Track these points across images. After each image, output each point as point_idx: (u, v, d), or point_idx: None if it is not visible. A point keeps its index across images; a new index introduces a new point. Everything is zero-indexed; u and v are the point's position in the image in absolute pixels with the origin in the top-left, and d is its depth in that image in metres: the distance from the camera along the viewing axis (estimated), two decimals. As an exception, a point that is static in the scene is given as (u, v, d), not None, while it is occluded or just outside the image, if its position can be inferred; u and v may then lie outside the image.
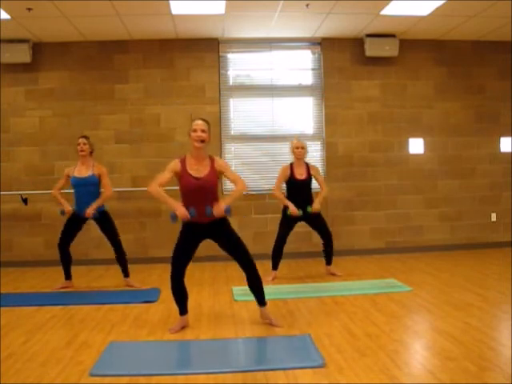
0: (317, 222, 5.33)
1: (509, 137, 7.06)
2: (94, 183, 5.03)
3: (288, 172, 5.28)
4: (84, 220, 5.04)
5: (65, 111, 6.55)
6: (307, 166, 5.35)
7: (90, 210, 4.91)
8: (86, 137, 5.12)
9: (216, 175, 3.63)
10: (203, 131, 3.57)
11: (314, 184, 5.38)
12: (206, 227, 3.61)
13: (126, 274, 5.18)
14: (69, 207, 5.01)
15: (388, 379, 2.69)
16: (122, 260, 5.16)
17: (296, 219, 5.26)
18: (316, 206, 5.21)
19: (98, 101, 6.57)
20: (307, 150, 5.39)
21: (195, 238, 3.64)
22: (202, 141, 3.56)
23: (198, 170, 3.58)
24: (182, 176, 3.57)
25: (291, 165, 5.33)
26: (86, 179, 5.00)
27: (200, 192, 3.55)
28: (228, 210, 3.54)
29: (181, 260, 3.62)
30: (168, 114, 6.64)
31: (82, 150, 5.03)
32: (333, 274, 5.48)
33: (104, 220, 5.06)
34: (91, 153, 5.13)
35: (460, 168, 7.02)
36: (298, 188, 5.26)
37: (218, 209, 3.50)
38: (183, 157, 3.67)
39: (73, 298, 4.70)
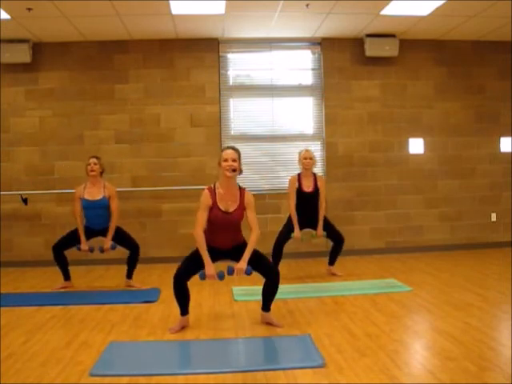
0: (327, 232, 5.33)
1: (509, 137, 7.06)
2: (105, 206, 5.00)
3: (296, 184, 5.25)
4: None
5: (65, 111, 6.55)
6: (315, 176, 5.31)
7: (107, 246, 4.94)
8: (97, 157, 5.10)
9: (243, 210, 3.64)
10: (234, 160, 3.55)
11: None
12: (228, 252, 3.69)
13: (130, 276, 5.18)
14: (86, 247, 4.96)
15: (388, 379, 2.69)
16: (132, 263, 5.15)
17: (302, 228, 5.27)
18: (319, 232, 5.24)
19: (98, 101, 6.57)
20: (315, 160, 5.37)
21: (215, 256, 3.64)
22: (234, 170, 3.55)
23: (227, 204, 3.58)
24: (211, 208, 3.57)
25: (299, 175, 5.29)
26: (96, 202, 4.97)
27: (226, 225, 3.60)
28: (249, 271, 3.57)
29: (193, 268, 3.61)
30: (168, 114, 6.64)
31: (92, 170, 4.99)
32: (333, 274, 5.48)
33: (118, 237, 5.05)
34: (101, 173, 5.09)
35: (460, 168, 7.02)
36: (305, 200, 5.22)
37: (240, 271, 3.54)
38: (212, 186, 3.64)
39: (73, 298, 4.69)
